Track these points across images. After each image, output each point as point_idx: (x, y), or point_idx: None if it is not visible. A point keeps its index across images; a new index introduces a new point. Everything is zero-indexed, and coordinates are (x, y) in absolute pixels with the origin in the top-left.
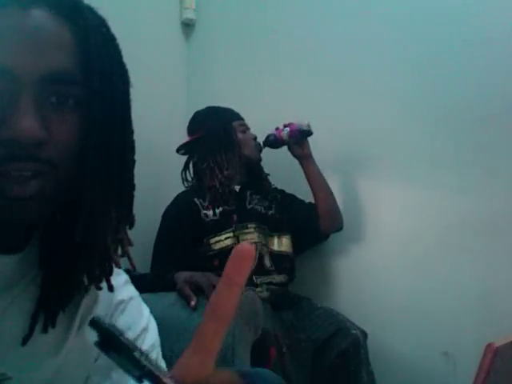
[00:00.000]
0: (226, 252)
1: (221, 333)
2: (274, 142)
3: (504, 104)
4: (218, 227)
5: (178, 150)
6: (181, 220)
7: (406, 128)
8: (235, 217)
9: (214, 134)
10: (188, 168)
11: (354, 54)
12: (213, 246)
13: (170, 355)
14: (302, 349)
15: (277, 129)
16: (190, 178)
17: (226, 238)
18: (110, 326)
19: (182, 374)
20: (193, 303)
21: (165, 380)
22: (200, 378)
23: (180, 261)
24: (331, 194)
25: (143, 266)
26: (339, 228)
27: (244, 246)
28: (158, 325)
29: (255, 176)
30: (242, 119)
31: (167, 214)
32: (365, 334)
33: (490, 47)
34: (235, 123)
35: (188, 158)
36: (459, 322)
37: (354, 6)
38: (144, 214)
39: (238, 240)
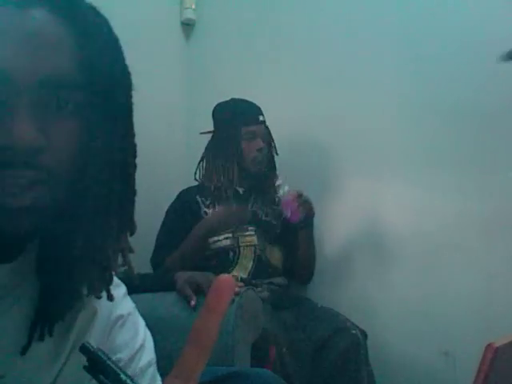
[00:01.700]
0: (224, 252)
1: (202, 359)
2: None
3: (504, 104)
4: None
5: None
6: (182, 216)
7: (406, 128)
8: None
9: (220, 137)
10: (203, 160)
11: (355, 53)
12: (211, 245)
13: (170, 355)
14: (302, 349)
15: (287, 204)
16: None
17: (224, 238)
18: (98, 351)
19: None
20: (193, 303)
21: None
22: None
23: None
24: (313, 261)
25: (143, 267)
26: (301, 283)
27: (224, 277)
28: (158, 325)
29: (260, 182)
30: (256, 123)
31: (170, 210)
32: (365, 335)
33: (490, 47)
34: (244, 129)
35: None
36: (459, 322)
37: (354, 5)
38: (143, 215)
39: (237, 241)
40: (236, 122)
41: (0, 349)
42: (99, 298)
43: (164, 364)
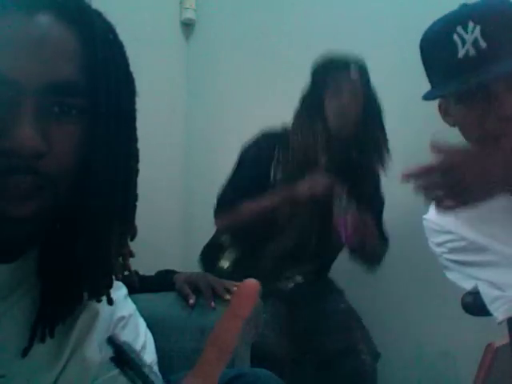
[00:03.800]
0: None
1: (222, 360)
2: None
3: None
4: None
5: None
6: (253, 164)
7: (406, 127)
8: None
9: (307, 89)
10: None
11: (354, 53)
12: None
13: (170, 355)
14: (307, 362)
15: (342, 224)
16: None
17: None
18: (124, 344)
19: None
20: (191, 301)
21: None
22: None
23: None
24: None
25: (142, 268)
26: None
27: (250, 282)
28: (158, 325)
29: (352, 164)
30: (345, 78)
31: (243, 154)
32: (376, 357)
33: None
34: (330, 81)
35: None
36: (459, 322)
37: (353, 4)
38: (143, 215)
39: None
40: (321, 71)
41: (1, 349)
42: (99, 301)
43: (164, 363)
